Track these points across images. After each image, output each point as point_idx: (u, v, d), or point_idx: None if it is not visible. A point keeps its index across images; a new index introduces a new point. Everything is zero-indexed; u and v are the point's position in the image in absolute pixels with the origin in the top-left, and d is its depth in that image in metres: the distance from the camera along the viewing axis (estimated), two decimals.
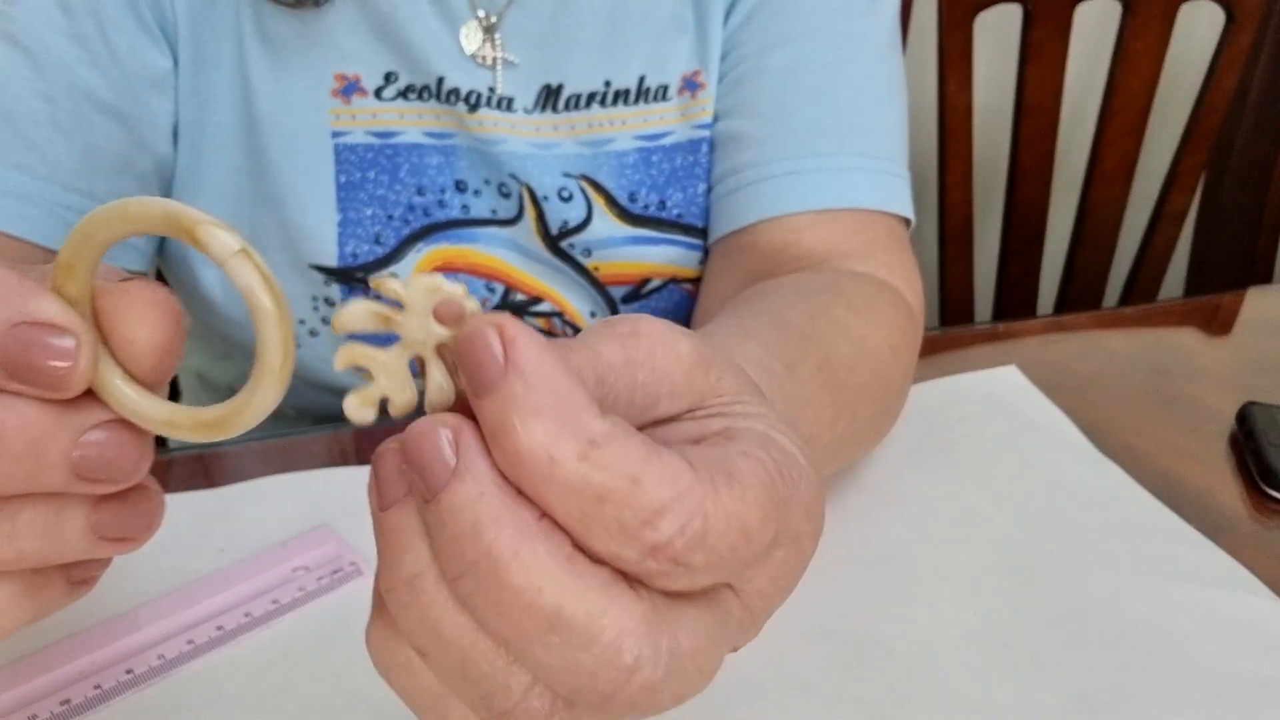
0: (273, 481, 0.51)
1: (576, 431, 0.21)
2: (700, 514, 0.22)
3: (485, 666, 0.22)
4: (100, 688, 0.39)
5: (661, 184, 0.61)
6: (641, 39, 0.60)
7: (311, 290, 0.59)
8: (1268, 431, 0.55)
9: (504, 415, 0.21)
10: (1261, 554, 0.48)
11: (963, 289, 1.10)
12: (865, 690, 0.40)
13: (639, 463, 0.21)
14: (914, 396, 0.55)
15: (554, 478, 0.21)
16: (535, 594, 0.21)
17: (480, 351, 0.21)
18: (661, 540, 0.21)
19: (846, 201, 0.57)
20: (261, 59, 0.56)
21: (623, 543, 0.21)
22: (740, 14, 0.60)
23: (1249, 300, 0.75)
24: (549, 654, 0.22)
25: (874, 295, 0.53)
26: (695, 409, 0.26)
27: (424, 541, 0.22)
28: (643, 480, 0.21)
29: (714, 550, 0.22)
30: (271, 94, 0.56)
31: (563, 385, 0.21)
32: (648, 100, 0.61)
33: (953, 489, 0.52)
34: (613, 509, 0.21)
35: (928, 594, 0.45)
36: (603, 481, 0.21)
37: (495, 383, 0.21)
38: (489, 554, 0.21)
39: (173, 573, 0.45)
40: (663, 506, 0.21)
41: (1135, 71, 1.03)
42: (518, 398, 0.21)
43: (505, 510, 0.21)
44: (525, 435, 0.21)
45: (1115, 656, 0.42)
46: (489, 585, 0.21)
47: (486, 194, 0.60)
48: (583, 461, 0.21)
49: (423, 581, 0.22)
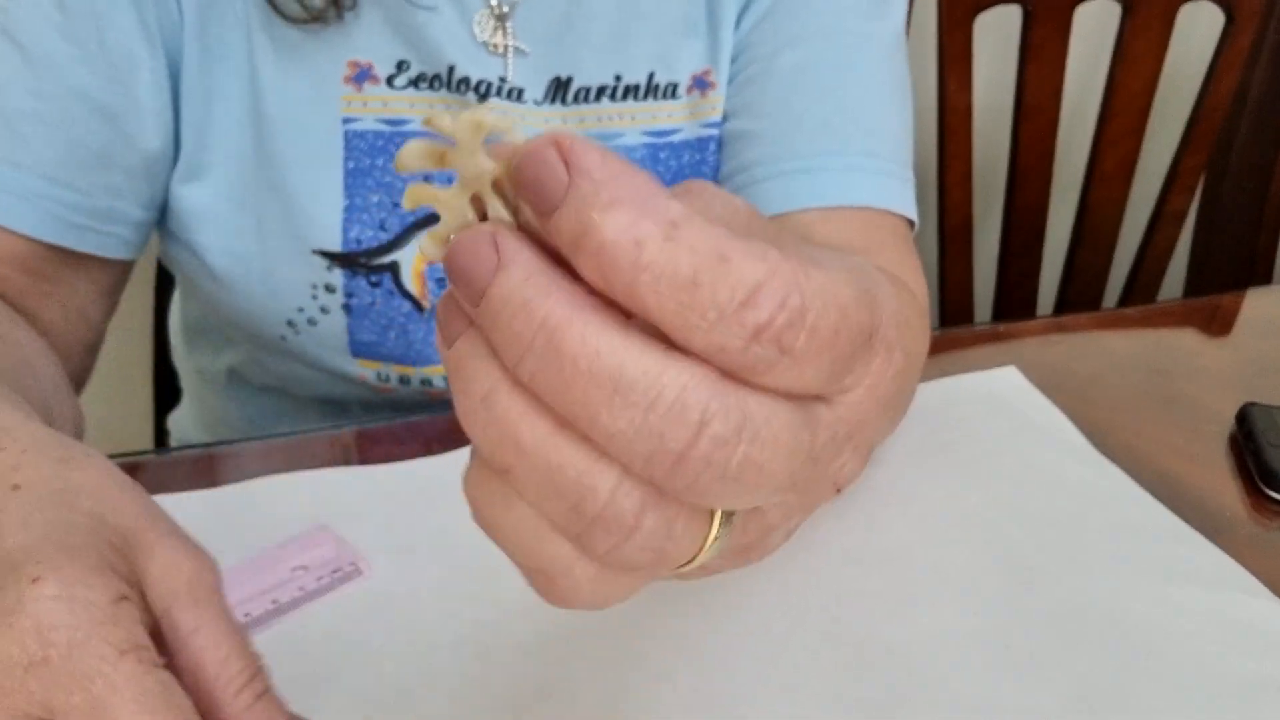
0: (272, 481, 0.51)
1: (657, 214, 0.20)
2: (796, 288, 0.21)
3: (570, 471, 0.22)
4: None
5: (668, 181, 0.61)
6: (652, 35, 0.60)
7: (312, 278, 0.59)
8: (1267, 432, 0.55)
9: (581, 216, 0.20)
10: (1261, 554, 0.48)
11: (962, 289, 1.10)
12: (865, 690, 0.40)
13: (724, 241, 0.21)
14: (914, 397, 0.55)
15: (643, 264, 0.20)
16: (594, 358, 0.21)
17: (540, 168, 0.21)
18: (763, 319, 0.21)
19: (854, 200, 0.58)
20: (271, 47, 0.56)
21: (724, 330, 0.21)
22: (752, 17, 0.61)
23: (1249, 301, 0.75)
24: (616, 419, 0.21)
25: (893, 283, 0.53)
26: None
27: (490, 360, 0.22)
28: (731, 257, 0.21)
29: (816, 331, 0.21)
30: (282, 80, 0.57)
31: (631, 175, 0.21)
32: (657, 97, 0.61)
33: (953, 489, 0.52)
34: (708, 290, 0.20)
35: (928, 594, 0.45)
36: (692, 262, 0.20)
37: (562, 191, 0.21)
38: (544, 326, 0.21)
39: None
40: (757, 283, 0.21)
41: (1135, 72, 1.03)
42: (590, 195, 0.20)
43: (553, 285, 0.21)
44: (607, 226, 0.20)
45: (1115, 657, 0.42)
46: (549, 360, 0.21)
47: None
48: (669, 242, 0.20)
49: (495, 395, 0.22)
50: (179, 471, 0.53)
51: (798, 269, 0.21)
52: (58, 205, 0.53)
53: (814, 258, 0.22)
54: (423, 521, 0.48)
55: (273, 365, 0.65)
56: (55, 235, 0.54)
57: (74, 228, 0.55)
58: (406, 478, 0.52)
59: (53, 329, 0.55)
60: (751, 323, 0.21)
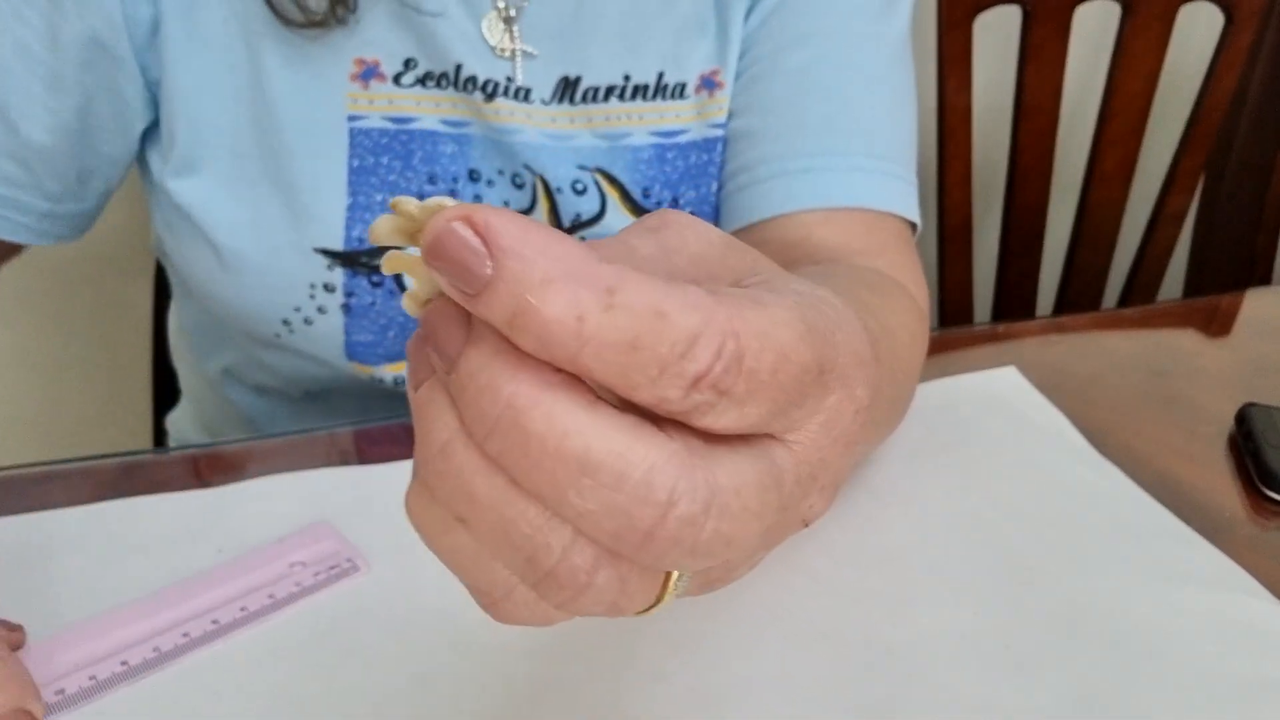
0: (271, 481, 0.51)
1: (593, 284, 0.20)
2: (732, 334, 0.21)
3: (524, 526, 0.22)
4: (95, 679, 0.40)
5: (675, 181, 0.62)
6: (661, 35, 0.60)
7: (311, 277, 0.59)
8: (1266, 433, 0.55)
9: (514, 299, 0.20)
10: (1260, 555, 0.48)
11: (962, 289, 1.10)
12: (865, 691, 0.40)
13: (661, 296, 0.21)
14: (914, 397, 0.55)
15: (585, 336, 0.20)
16: (561, 439, 0.21)
17: (458, 249, 0.20)
18: (701, 368, 0.21)
19: (858, 201, 0.58)
20: (276, 43, 0.56)
21: (665, 382, 0.21)
22: (759, 14, 0.60)
23: (1248, 301, 0.75)
24: (584, 498, 0.21)
25: (890, 287, 0.53)
26: (743, 280, 0.25)
27: (451, 412, 0.22)
28: (668, 312, 0.21)
29: (754, 373, 0.21)
30: (287, 76, 0.56)
31: (557, 243, 0.21)
32: (665, 97, 0.61)
33: (952, 490, 0.52)
34: (648, 350, 0.21)
35: (928, 595, 0.45)
36: (631, 324, 0.20)
37: (486, 273, 0.20)
38: (511, 406, 0.21)
39: (170, 573, 0.45)
40: (694, 334, 0.21)
41: (1135, 72, 1.03)
42: (521, 275, 0.20)
43: (520, 364, 0.21)
44: (546, 307, 0.20)
45: (1114, 657, 0.42)
46: (515, 438, 0.21)
47: (500, 184, 0.61)
48: (608, 311, 0.20)
49: (453, 447, 0.22)
50: (178, 471, 0.53)
51: (733, 314, 0.21)
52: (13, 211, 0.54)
53: (758, 298, 0.22)
54: None
55: (269, 363, 0.65)
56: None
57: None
58: (407, 477, 0.52)
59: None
60: (691, 374, 0.21)
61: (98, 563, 0.46)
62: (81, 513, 0.49)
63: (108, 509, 0.49)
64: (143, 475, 0.52)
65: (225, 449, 0.55)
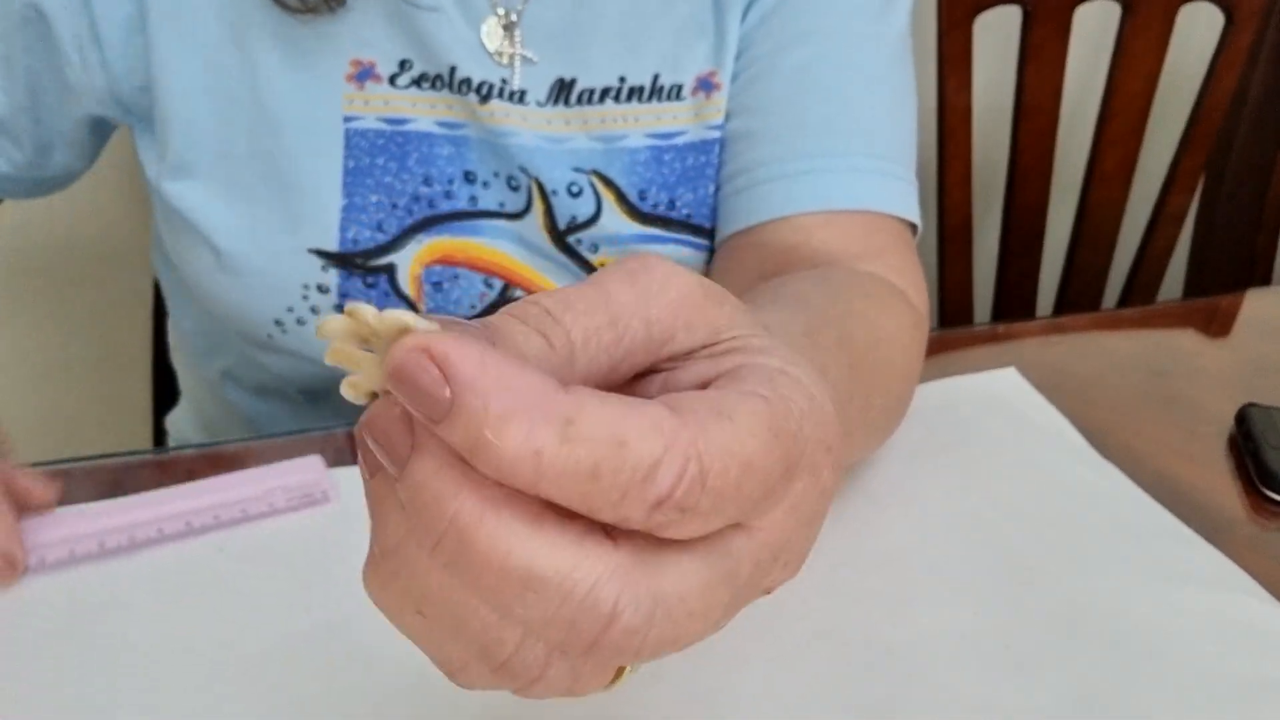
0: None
1: (549, 416, 0.21)
2: (694, 455, 0.21)
3: (476, 624, 0.23)
4: (73, 553, 0.46)
5: (672, 183, 0.61)
6: (659, 37, 0.60)
7: (305, 278, 0.59)
8: (1266, 433, 0.55)
9: (472, 433, 0.20)
10: (1260, 556, 0.48)
11: (962, 290, 1.10)
12: (865, 691, 0.40)
13: (619, 423, 0.21)
14: (914, 398, 0.55)
15: (543, 470, 0.21)
16: (504, 557, 0.21)
17: (418, 378, 0.21)
18: (663, 492, 0.21)
19: (857, 203, 0.57)
20: (273, 45, 0.56)
21: (627, 506, 0.21)
22: (757, 14, 0.60)
23: (1248, 302, 0.75)
24: (529, 610, 0.22)
25: (887, 295, 0.53)
26: (711, 343, 0.25)
27: (401, 512, 0.23)
28: (628, 439, 0.21)
29: (717, 490, 0.22)
30: (283, 78, 0.56)
31: (516, 377, 0.21)
32: (661, 99, 0.61)
33: (952, 490, 0.52)
34: (608, 478, 0.21)
35: (927, 595, 0.45)
36: (590, 454, 0.21)
37: (446, 405, 0.20)
38: (454, 524, 0.21)
39: (170, 568, 0.45)
40: (655, 459, 0.21)
41: (1135, 72, 1.03)
42: (479, 412, 0.20)
43: (465, 480, 0.21)
44: (504, 443, 0.20)
45: (1113, 657, 0.42)
46: (459, 552, 0.22)
47: (495, 186, 0.60)
48: (565, 444, 0.21)
49: (405, 549, 0.23)
50: (177, 471, 0.53)
51: (696, 434, 0.22)
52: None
53: (722, 408, 0.22)
54: None
55: (265, 363, 0.65)
56: None
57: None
58: None
59: None
60: (653, 497, 0.21)
61: (96, 558, 0.46)
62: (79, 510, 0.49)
63: (107, 506, 0.49)
64: (143, 475, 0.52)
65: (225, 449, 0.55)
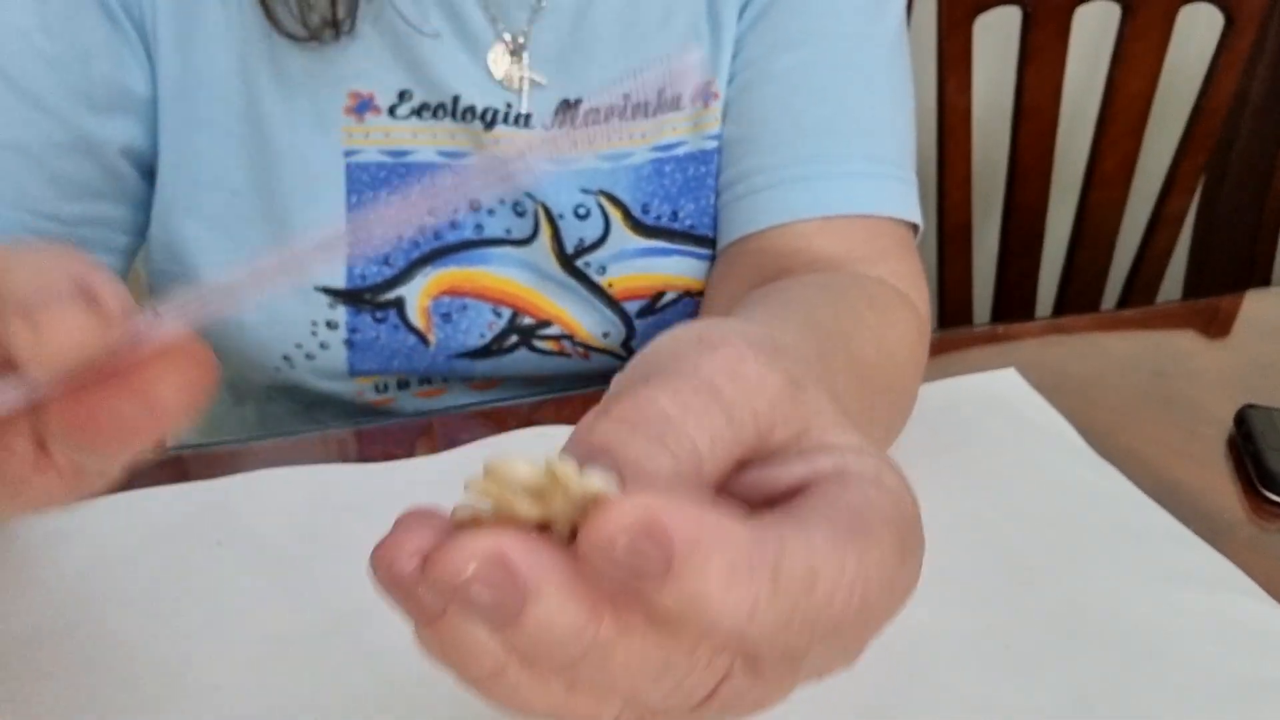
0: (272, 474, 0.51)
1: (762, 570, 0.21)
2: (860, 585, 0.22)
3: (578, 712, 0.23)
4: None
5: (674, 194, 0.61)
6: (660, 50, 0.59)
7: (313, 314, 0.59)
8: (1266, 434, 0.55)
9: (689, 599, 0.20)
10: (1259, 557, 0.48)
11: (962, 290, 1.10)
12: (864, 690, 0.40)
13: (811, 556, 0.22)
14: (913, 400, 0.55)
15: (753, 625, 0.21)
16: (640, 655, 0.22)
17: (630, 558, 0.20)
18: (835, 624, 0.22)
19: (856, 208, 0.57)
20: (272, 79, 0.55)
21: (804, 643, 0.22)
22: (748, 18, 0.60)
23: (1248, 302, 0.75)
24: (652, 694, 0.23)
25: (891, 301, 0.53)
26: (800, 435, 0.26)
27: (494, 641, 0.22)
28: (819, 570, 0.21)
29: (868, 620, 0.24)
30: (282, 113, 0.56)
31: (729, 534, 0.21)
32: (664, 111, 0.60)
33: (952, 491, 0.52)
34: (798, 620, 0.21)
35: (927, 595, 0.45)
36: (790, 602, 0.21)
37: (661, 576, 0.20)
38: (593, 649, 0.21)
39: (171, 563, 0.45)
40: (832, 593, 0.22)
41: (1135, 74, 1.03)
42: (700, 581, 0.20)
43: (596, 608, 0.21)
44: (724, 606, 0.20)
45: (1113, 659, 0.42)
46: (598, 668, 0.22)
47: (501, 213, 0.60)
48: (775, 592, 0.21)
49: (506, 672, 0.22)
50: (177, 472, 0.53)
51: (860, 560, 0.22)
52: (41, 239, 0.53)
53: (863, 528, 0.23)
54: None
55: (273, 381, 0.65)
56: None
57: None
58: (406, 477, 0.52)
59: None
60: (823, 631, 0.22)
61: (96, 556, 0.46)
62: (81, 507, 0.49)
63: (106, 504, 0.49)
64: (143, 475, 0.52)
65: (225, 449, 0.55)
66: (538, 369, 0.64)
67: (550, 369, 0.64)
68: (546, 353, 0.63)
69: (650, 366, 0.27)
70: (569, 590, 0.21)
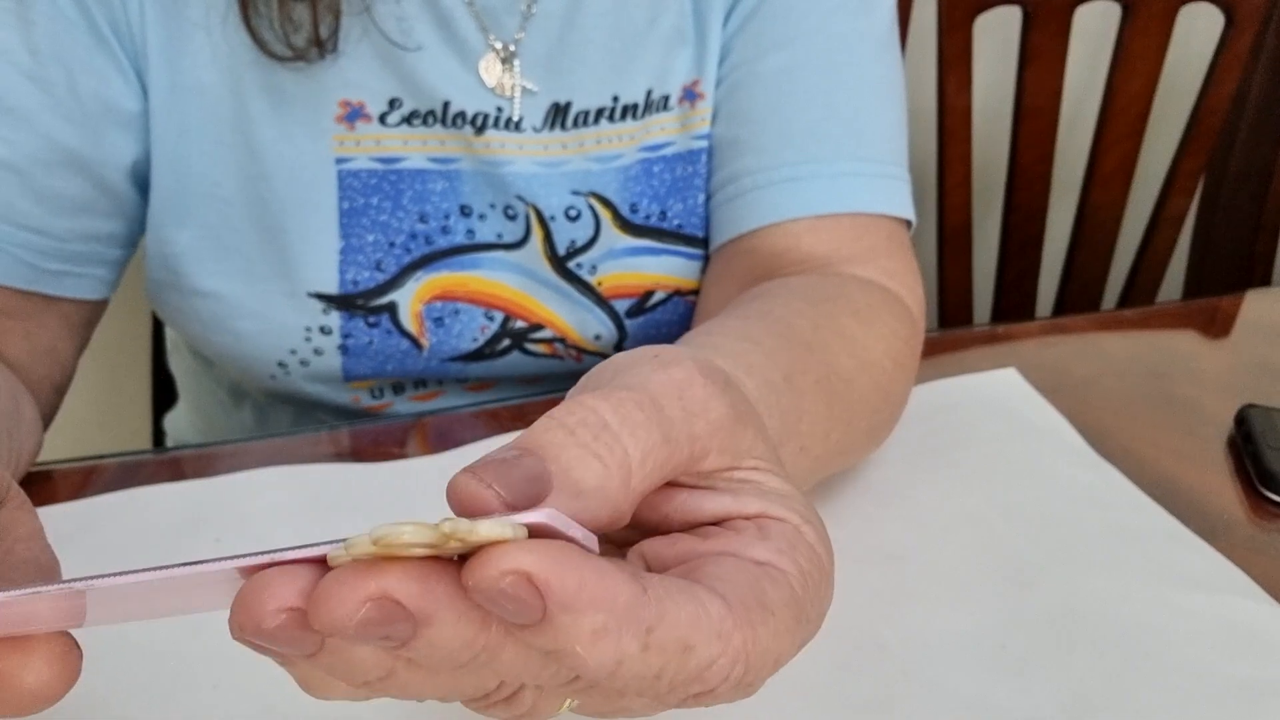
0: (269, 473, 0.51)
1: (636, 627, 0.22)
2: (743, 658, 0.23)
3: (466, 693, 0.25)
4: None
5: (662, 194, 0.61)
6: (648, 52, 0.59)
7: (307, 321, 0.59)
8: (1266, 434, 0.55)
9: (562, 644, 0.22)
10: (1259, 557, 0.48)
11: (961, 291, 1.10)
12: (861, 690, 0.40)
13: (690, 629, 0.23)
14: (913, 398, 0.55)
15: (620, 675, 0.22)
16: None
17: (507, 600, 0.21)
18: (709, 687, 0.24)
19: (845, 206, 0.57)
20: (262, 88, 0.55)
21: (671, 696, 0.24)
22: (737, 19, 0.60)
23: (1247, 303, 0.75)
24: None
25: (878, 304, 0.53)
26: (733, 466, 0.27)
27: (379, 654, 0.23)
28: (695, 645, 0.23)
29: (750, 685, 0.24)
30: (272, 121, 0.56)
31: (610, 589, 0.22)
32: (652, 112, 0.60)
33: (951, 491, 0.52)
34: (668, 678, 0.23)
35: (925, 595, 0.45)
36: (660, 661, 0.22)
37: (538, 619, 0.21)
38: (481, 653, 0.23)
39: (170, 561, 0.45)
40: (711, 661, 0.23)
41: (1135, 74, 1.03)
42: (572, 628, 0.21)
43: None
44: (592, 656, 0.22)
45: (1112, 659, 0.42)
46: (483, 665, 0.23)
47: (492, 217, 0.60)
48: (645, 651, 0.22)
49: (395, 675, 0.23)
50: (178, 472, 0.53)
51: (749, 637, 0.24)
52: (30, 252, 0.53)
53: (765, 604, 0.24)
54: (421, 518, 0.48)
55: (268, 387, 0.65)
56: (27, 282, 0.53)
57: (48, 274, 0.54)
58: (407, 477, 0.52)
59: (17, 365, 0.53)
60: (696, 691, 0.24)
61: (97, 554, 0.46)
62: (83, 505, 0.49)
63: (106, 502, 0.49)
64: (143, 475, 0.52)
65: (225, 449, 0.55)
66: (532, 370, 0.64)
67: (544, 370, 0.65)
68: (539, 355, 0.64)
69: (603, 377, 0.28)
70: (459, 611, 0.21)
